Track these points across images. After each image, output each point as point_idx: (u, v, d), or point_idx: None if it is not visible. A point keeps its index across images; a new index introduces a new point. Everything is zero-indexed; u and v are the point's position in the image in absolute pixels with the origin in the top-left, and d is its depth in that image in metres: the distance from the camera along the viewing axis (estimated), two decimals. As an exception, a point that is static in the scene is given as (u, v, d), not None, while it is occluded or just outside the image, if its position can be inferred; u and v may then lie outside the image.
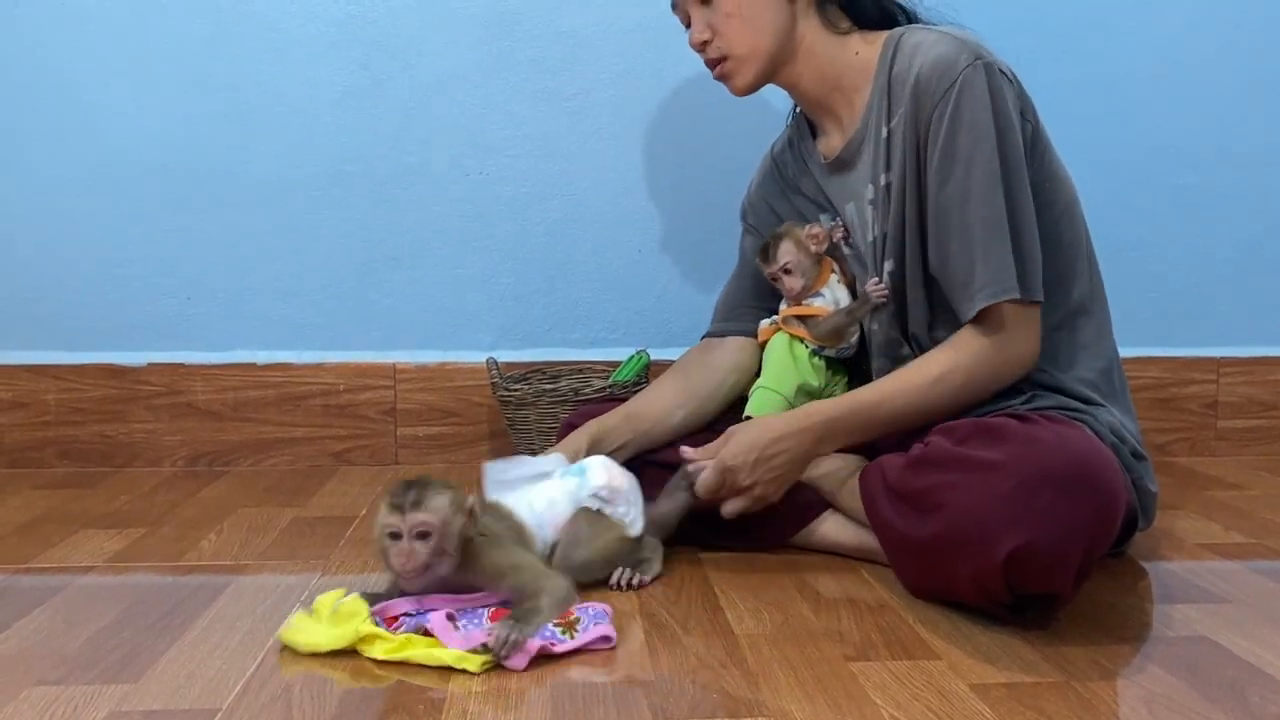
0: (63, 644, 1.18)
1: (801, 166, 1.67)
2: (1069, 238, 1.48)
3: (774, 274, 1.62)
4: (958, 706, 1.02)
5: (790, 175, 1.69)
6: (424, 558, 1.18)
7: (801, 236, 1.60)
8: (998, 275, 1.37)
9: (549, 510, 1.36)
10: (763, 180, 1.75)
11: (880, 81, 1.48)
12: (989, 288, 1.38)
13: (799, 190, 1.68)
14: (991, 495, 1.18)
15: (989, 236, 1.38)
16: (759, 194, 1.75)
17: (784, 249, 1.60)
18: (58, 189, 2.08)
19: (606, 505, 1.37)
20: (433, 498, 1.19)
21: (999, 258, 1.37)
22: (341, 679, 1.10)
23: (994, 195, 1.37)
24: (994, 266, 1.37)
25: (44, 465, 2.10)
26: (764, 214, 1.74)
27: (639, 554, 1.40)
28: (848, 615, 1.28)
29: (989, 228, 1.38)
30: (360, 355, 2.15)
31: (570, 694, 1.06)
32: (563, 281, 2.17)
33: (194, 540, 1.60)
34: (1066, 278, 1.48)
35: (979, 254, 1.38)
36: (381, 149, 2.11)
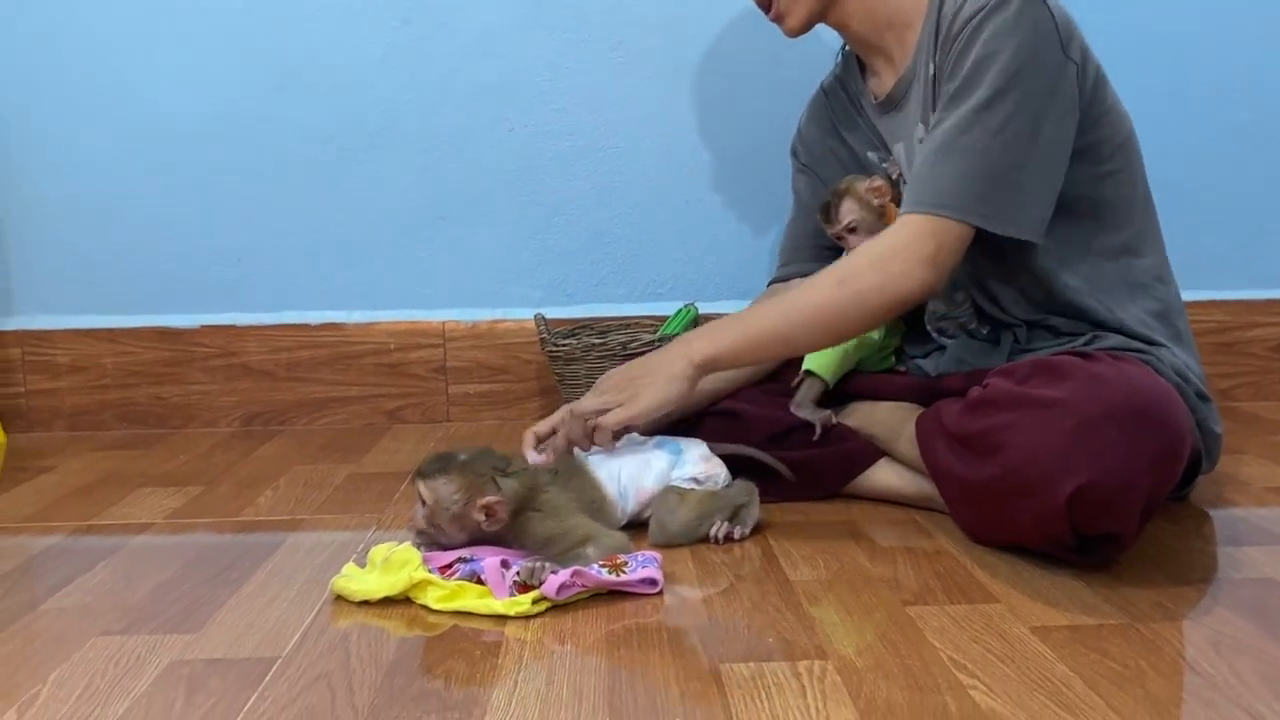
0: (125, 597, 1.20)
1: (854, 105, 1.65)
2: (1124, 175, 1.44)
3: (838, 234, 1.59)
4: (1018, 649, 1.01)
5: (841, 112, 1.67)
6: (420, 522, 1.25)
7: (863, 191, 1.56)
8: (932, 190, 1.34)
9: (633, 484, 1.35)
10: (812, 116, 1.73)
11: (931, 20, 1.45)
12: (913, 196, 1.35)
13: (850, 127, 1.65)
14: (1053, 434, 1.15)
15: (962, 164, 1.33)
16: (810, 130, 1.73)
17: (846, 208, 1.56)
18: (107, 157, 2.09)
19: (699, 486, 1.37)
20: (441, 477, 1.23)
21: (944, 174, 1.33)
22: (396, 627, 1.11)
23: (985, 130, 1.32)
24: (934, 182, 1.34)
25: (103, 428, 2.13)
26: (815, 150, 1.71)
27: (734, 501, 1.37)
28: (904, 561, 1.26)
29: (960, 154, 1.33)
30: (410, 314, 2.15)
31: (625, 637, 1.05)
32: (610, 235, 2.15)
33: (251, 497, 1.61)
34: (1122, 215, 1.44)
35: (933, 170, 1.34)
36: (425, 106, 2.11)
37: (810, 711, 0.89)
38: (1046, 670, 0.96)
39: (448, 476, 1.23)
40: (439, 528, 1.24)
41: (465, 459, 1.26)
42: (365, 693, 0.94)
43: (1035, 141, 1.33)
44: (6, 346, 2.12)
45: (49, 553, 1.37)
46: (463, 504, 1.23)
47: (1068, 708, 0.89)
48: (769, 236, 2.13)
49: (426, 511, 1.23)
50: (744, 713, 0.89)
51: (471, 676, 0.98)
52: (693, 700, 0.92)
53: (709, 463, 1.40)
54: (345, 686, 0.96)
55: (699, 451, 1.41)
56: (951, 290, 1.52)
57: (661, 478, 1.37)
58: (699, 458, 1.40)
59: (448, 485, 1.23)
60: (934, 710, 0.89)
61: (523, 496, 1.25)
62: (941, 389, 1.48)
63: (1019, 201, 1.34)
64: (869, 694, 0.92)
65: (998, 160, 1.32)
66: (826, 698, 0.91)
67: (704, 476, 1.39)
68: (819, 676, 0.95)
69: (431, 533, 1.25)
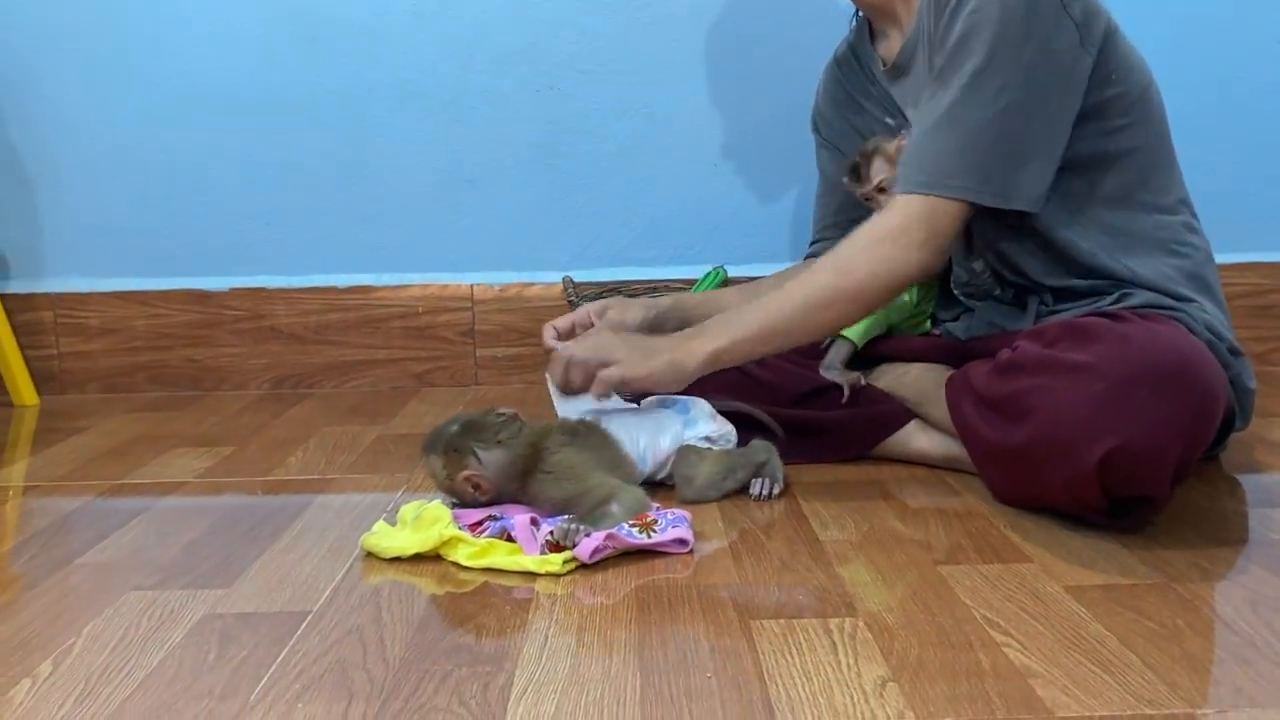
0: (157, 553, 1.21)
1: (865, 72, 1.62)
2: (1141, 130, 1.40)
3: (868, 194, 1.56)
4: (1052, 608, 1.00)
5: (854, 81, 1.65)
6: None
7: (891, 151, 1.53)
8: (925, 169, 1.32)
9: (650, 445, 1.35)
10: (827, 88, 1.71)
11: None
12: (906, 175, 1.33)
13: (865, 95, 1.63)
14: (1083, 397, 1.14)
15: (957, 138, 1.31)
16: (826, 104, 1.71)
17: (876, 167, 1.53)
18: (138, 120, 2.10)
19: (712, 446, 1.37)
20: (429, 454, 1.29)
21: (937, 151, 1.31)
22: (427, 583, 1.11)
23: (976, 103, 1.29)
24: (926, 161, 1.32)
25: (135, 390, 2.15)
26: (835, 123, 1.69)
27: (755, 458, 1.37)
28: (935, 522, 1.26)
29: (952, 130, 1.31)
30: (438, 277, 2.15)
31: (655, 594, 1.05)
32: (638, 199, 2.14)
33: (281, 457, 1.62)
34: (1142, 172, 1.40)
35: (925, 148, 1.33)
36: (453, 68, 2.10)
37: (841, 667, 0.88)
38: (1081, 628, 0.95)
39: (434, 454, 1.28)
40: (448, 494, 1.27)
41: (455, 431, 1.28)
42: (396, 646, 0.95)
43: (1030, 109, 1.30)
44: (39, 309, 2.14)
45: (82, 511, 1.38)
46: (448, 478, 1.27)
47: (1103, 665, 0.88)
48: (796, 199, 2.12)
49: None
50: (774, 668, 0.89)
51: (502, 631, 0.98)
52: (723, 655, 0.91)
53: (717, 421, 1.41)
54: (376, 640, 0.96)
55: (705, 410, 1.41)
56: (968, 258, 1.50)
57: (676, 438, 1.37)
58: (707, 416, 1.40)
59: (434, 462, 1.28)
60: (967, 667, 0.88)
61: (523, 460, 1.25)
62: (971, 351, 1.46)
63: (1014, 173, 1.31)
64: (900, 651, 0.91)
65: (991, 131, 1.29)
66: (858, 654, 0.91)
67: (716, 435, 1.39)
68: (850, 633, 0.95)
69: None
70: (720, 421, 1.40)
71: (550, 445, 1.26)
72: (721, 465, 1.34)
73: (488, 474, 1.25)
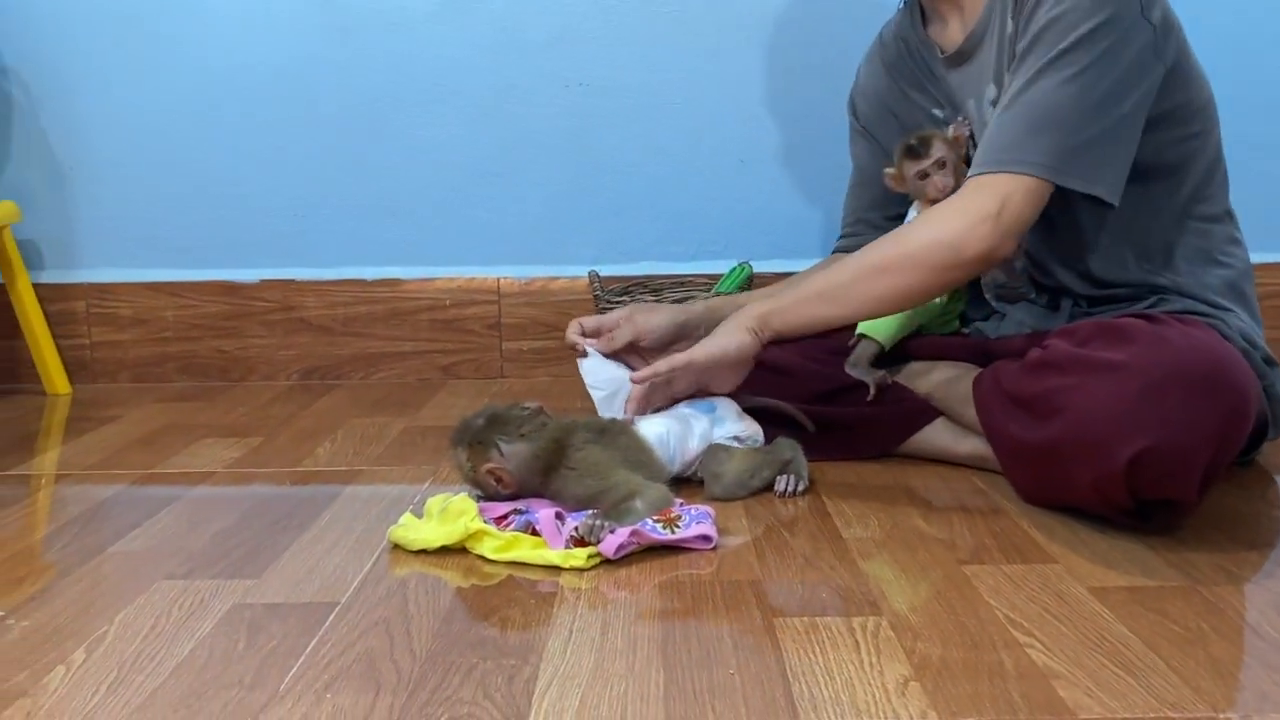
0: (187, 543, 1.23)
1: (915, 60, 1.59)
2: (1204, 139, 1.40)
3: (925, 170, 1.51)
4: (1076, 609, 1.00)
5: (902, 68, 1.61)
6: None
7: (950, 135, 1.52)
8: (1000, 149, 1.30)
9: (679, 446, 1.35)
10: (870, 72, 1.67)
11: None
12: (984, 157, 1.31)
13: (912, 84, 1.60)
14: (1115, 397, 1.13)
15: (1032, 118, 1.29)
16: (868, 82, 1.67)
17: (937, 145, 1.50)
18: (170, 112, 2.12)
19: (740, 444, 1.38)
20: (456, 447, 1.30)
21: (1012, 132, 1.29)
22: (452, 576, 1.12)
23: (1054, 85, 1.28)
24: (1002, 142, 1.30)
25: (165, 380, 2.17)
26: (874, 109, 1.66)
27: (781, 456, 1.38)
28: (959, 521, 1.26)
29: (1028, 110, 1.29)
30: (465, 270, 2.16)
31: (678, 590, 1.06)
32: (664, 193, 2.14)
33: (309, 448, 1.64)
34: (1201, 181, 1.40)
35: (1007, 130, 1.30)
36: (481, 62, 2.10)
37: (864, 665, 0.89)
38: (1105, 630, 0.95)
39: (459, 446, 1.28)
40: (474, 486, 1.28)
41: (480, 424, 1.29)
42: (423, 638, 0.96)
43: (1108, 99, 1.28)
44: (72, 299, 2.16)
45: (114, 499, 1.40)
46: (471, 470, 1.28)
47: (1126, 667, 0.88)
48: (823, 195, 2.11)
49: None
50: (797, 665, 0.89)
51: (527, 624, 0.99)
52: (746, 652, 0.92)
53: (744, 420, 1.41)
54: (404, 631, 0.97)
55: (733, 409, 1.41)
56: (1011, 260, 1.49)
57: (704, 437, 1.37)
58: (735, 415, 1.41)
59: (459, 454, 1.29)
60: (989, 667, 0.88)
61: (546, 453, 1.26)
62: (999, 350, 1.46)
63: (1094, 158, 1.28)
64: (923, 650, 0.91)
65: (1070, 114, 1.27)
66: (880, 652, 0.91)
67: (744, 435, 1.39)
68: (873, 632, 0.95)
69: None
70: (748, 421, 1.40)
71: (575, 442, 1.27)
72: (749, 463, 1.34)
73: (510, 467, 1.26)
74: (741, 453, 1.35)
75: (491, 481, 1.26)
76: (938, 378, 1.52)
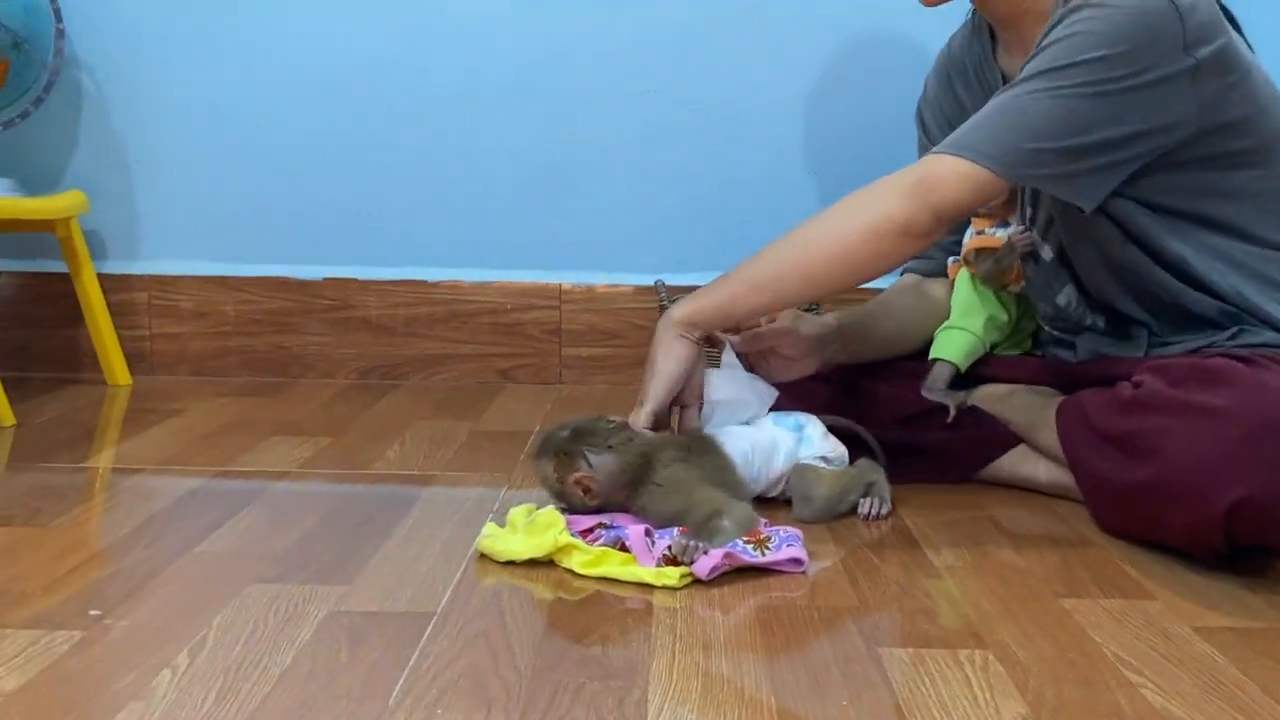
0: (273, 544, 1.22)
1: (982, 82, 1.56)
2: (1266, 170, 1.37)
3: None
4: (1184, 649, 0.98)
5: (970, 88, 1.58)
6: None
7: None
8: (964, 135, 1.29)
9: (765, 465, 1.35)
10: (941, 84, 1.63)
11: (1059, 11, 1.34)
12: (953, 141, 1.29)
13: (977, 103, 1.52)
14: (1215, 443, 1.11)
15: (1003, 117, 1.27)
16: (937, 99, 1.64)
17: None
18: (237, 107, 2.12)
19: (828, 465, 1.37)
20: (540, 459, 1.29)
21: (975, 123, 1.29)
22: (542, 590, 1.11)
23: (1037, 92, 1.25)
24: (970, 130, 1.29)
25: (224, 374, 2.18)
26: (943, 125, 1.61)
27: (866, 478, 1.37)
28: (1050, 552, 1.24)
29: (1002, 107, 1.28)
30: (527, 275, 2.15)
31: (775, 614, 1.05)
32: (729, 202, 2.13)
33: (379, 450, 1.63)
34: (1263, 206, 1.38)
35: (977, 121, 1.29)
36: (554, 66, 2.10)
37: (979, 702, 0.88)
38: (1218, 673, 0.93)
39: (544, 458, 1.27)
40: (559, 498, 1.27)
41: (566, 436, 1.27)
42: (525, 654, 0.95)
43: (1095, 122, 1.24)
44: (133, 290, 2.17)
45: (193, 495, 1.40)
46: (558, 481, 1.27)
47: (1247, 714, 0.86)
48: (892, 211, 2.10)
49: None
50: (910, 699, 0.88)
51: (627, 644, 0.98)
52: (856, 683, 0.91)
53: (831, 440, 1.40)
54: (505, 646, 0.97)
55: (819, 430, 1.40)
56: (1050, 290, 1.48)
57: (791, 456, 1.36)
58: (821, 436, 1.39)
59: (544, 466, 1.27)
60: (1107, 708, 0.87)
61: (633, 468, 1.25)
62: (1080, 376, 1.44)
63: (1053, 159, 1.26)
64: (1036, 687, 0.90)
65: (1038, 122, 1.25)
66: (993, 689, 0.90)
67: (832, 455, 1.38)
68: (981, 666, 0.94)
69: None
70: (834, 441, 1.39)
71: (663, 458, 1.26)
72: (839, 486, 1.33)
73: (598, 478, 1.25)
74: (831, 475, 1.34)
75: (578, 493, 1.25)
76: (1017, 403, 1.50)
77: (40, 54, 1.98)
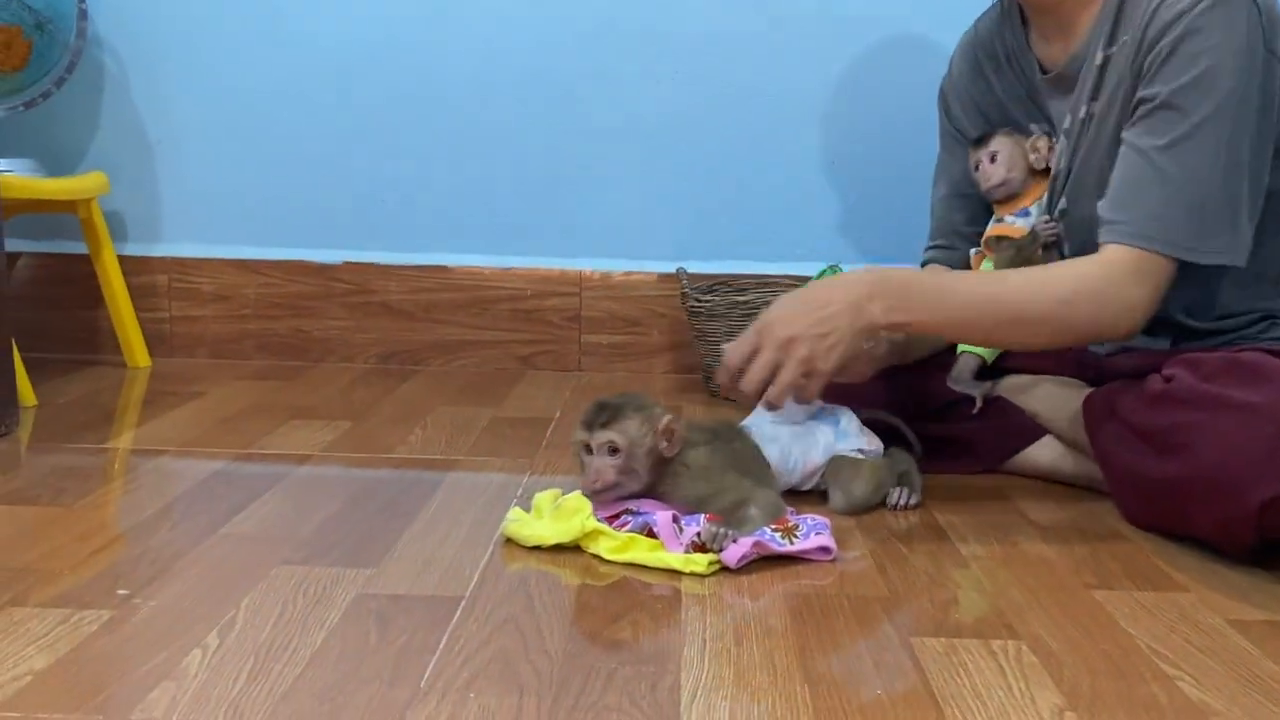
0: (298, 527, 1.22)
1: (1015, 70, 1.52)
2: None
3: (978, 159, 1.51)
4: (1218, 641, 0.97)
5: (1000, 75, 1.54)
6: (611, 476, 1.18)
7: (1023, 141, 1.49)
8: (1147, 220, 1.25)
9: (803, 457, 1.33)
10: (967, 65, 1.57)
11: (1112, 2, 1.34)
12: (1129, 227, 1.26)
13: (1010, 94, 1.53)
14: (1250, 439, 1.10)
15: (1168, 187, 1.25)
16: (963, 83, 1.58)
17: (998, 140, 1.49)
18: (260, 90, 2.12)
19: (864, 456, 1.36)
20: (623, 418, 1.19)
21: (1159, 203, 1.25)
22: (569, 575, 1.11)
23: (1201, 155, 1.24)
24: (1147, 210, 1.26)
25: (243, 357, 2.17)
26: (969, 110, 1.58)
27: (898, 468, 1.36)
28: (1078, 543, 1.23)
29: (1175, 182, 1.25)
30: (548, 261, 2.15)
31: (805, 602, 1.04)
32: (752, 192, 2.12)
33: (401, 435, 1.63)
34: None
35: (1143, 194, 1.26)
36: (576, 52, 2.09)
37: (1013, 692, 0.87)
38: (1254, 666, 0.93)
39: (630, 415, 1.19)
40: (633, 472, 1.19)
41: (622, 402, 1.22)
42: (555, 639, 0.95)
43: (1245, 160, 1.25)
44: (154, 273, 2.17)
45: (216, 478, 1.40)
46: (649, 436, 1.20)
47: (1285, 708, 0.86)
48: (913, 200, 2.07)
49: (620, 458, 1.18)
50: (944, 688, 0.87)
51: (657, 630, 0.98)
52: (889, 673, 0.90)
53: (866, 434, 1.39)
54: (534, 630, 0.96)
55: (855, 423, 1.39)
56: None
57: (828, 449, 1.35)
58: (857, 429, 1.38)
59: (634, 421, 1.19)
60: (1144, 700, 0.86)
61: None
62: (1107, 368, 1.43)
63: (1230, 226, 1.26)
64: (1071, 679, 0.89)
65: (1210, 186, 1.24)
66: (1028, 679, 0.89)
67: (869, 449, 1.37)
68: (1015, 657, 0.93)
69: (622, 481, 1.20)
70: (870, 434, 1.38)
71: (692, 438, 1.25)
72: (876, 478, 1.33)
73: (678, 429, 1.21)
74: (869, 466, 1.33)
75: (663, 443, 1.21)
76: (1042, 394, 1.49)
77: (63, 34, 1.98)
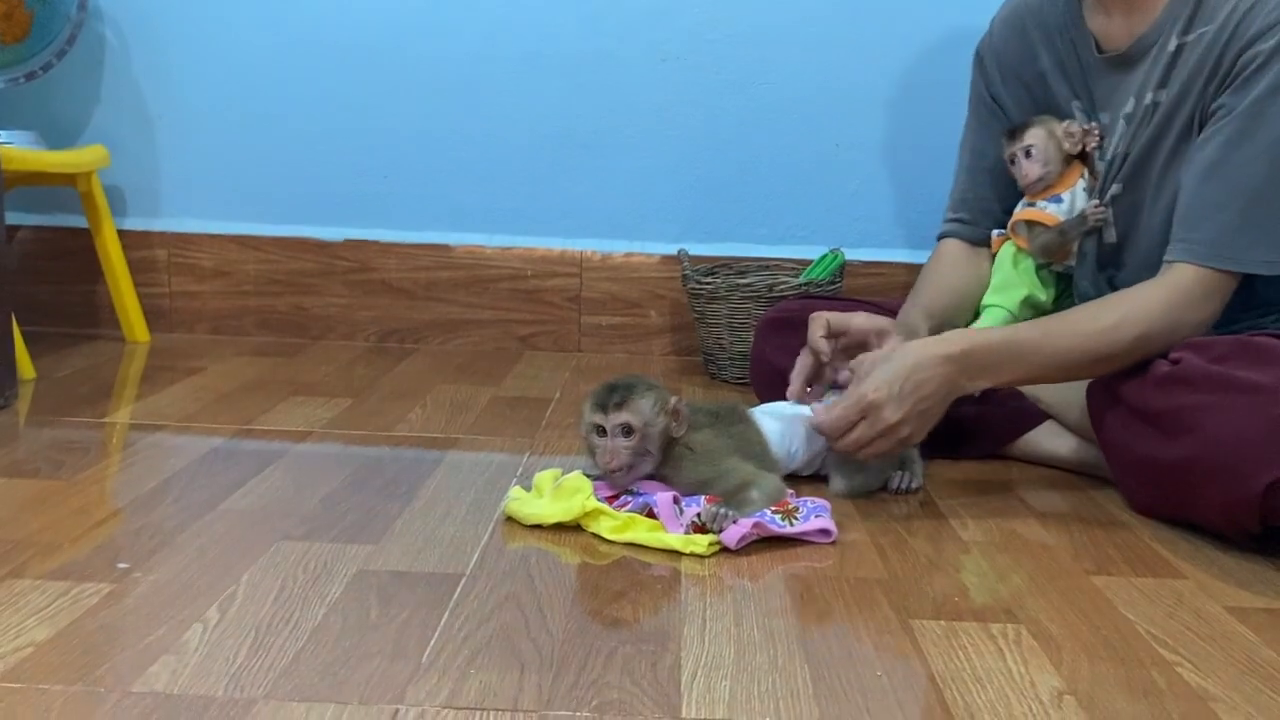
0: (298, 503, 1.22)
1: (1064, 41, 1.46)
2: None
3: (1014, 154, 1.48)
4: (1217, 628, 0.98)
5: (1049, 46, 1.48)
6: (626, 457, 1.19)
7: (1057, 129, 1.47)
8: (1218, 239, 1.26)
9: (805, 443, 1.33)
10: (1012, 29, 1.52)
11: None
12: (1202, 247, 1.27)
13: (1057, 68, 1.48)
14: (1257, 420, 1.10)
15: (1240, 201, 1.25)
16: (1005, 46, 1.53)
17: (1033, 132, 1.47)
18: (262, 67, 2.10)
19: None
20: (636, 398, 1.20)
21: (1231, 222, 1.26)
22: (569, 554, 1.11)
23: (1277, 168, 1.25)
24: (1220, 228, 1.26)
25: (242, 333, 2.17)
26: (1008, 76, 1.53)
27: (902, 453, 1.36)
28: (1078, 529, 1.23)
29: (1248, 196, 1.25)
30: (548, 242, 2.14)
31: (804, 583, 1.05)
32: (754, 175, 2.12)
33: (401, 413, 1.63)
34: None
35: (1215, 209, 1.27)
36: (579, 31, 2.08)
37: (1013, 675, 0.87)
38: (1253, 653, 0.93)
39: (643, 395, 1.20)
40: (647, 453, 1.20)
41: (632, 382, 1.22)
42: (556, 617, 0.95)
43: None
44: (153, 248, 2.16)
45: (215, 453, 1.40)
46: (662, 416, 1.21)
47: (1284, 694, 0.86)
48: (919, 185, 2.08)
49: (635, 439, 1.19)
50: (944, 670, 0.88)
51: (658, 610, 0.98)
52: (889, 654, 0.90)
53: None
54: (535, 608, 0.96)
55: None
56: (1111, 272, 1.46)
57: None
58: None
59: (647, 401, 1.20)
60: (1143, 684, 0.86)
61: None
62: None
63: None
64: (1070, 662, 0.90)
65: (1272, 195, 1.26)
66: (1028, 662, 0.89)
67: None
68: (1014, 640, 0.94)
69: (637, 462, 1.20)
70: None
71: (695, 420, 1.25)
72: (880, 460, 1.32)
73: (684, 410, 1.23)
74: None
75: (672, 422, 1.21)
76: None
77: (64, 6, 1.96)
